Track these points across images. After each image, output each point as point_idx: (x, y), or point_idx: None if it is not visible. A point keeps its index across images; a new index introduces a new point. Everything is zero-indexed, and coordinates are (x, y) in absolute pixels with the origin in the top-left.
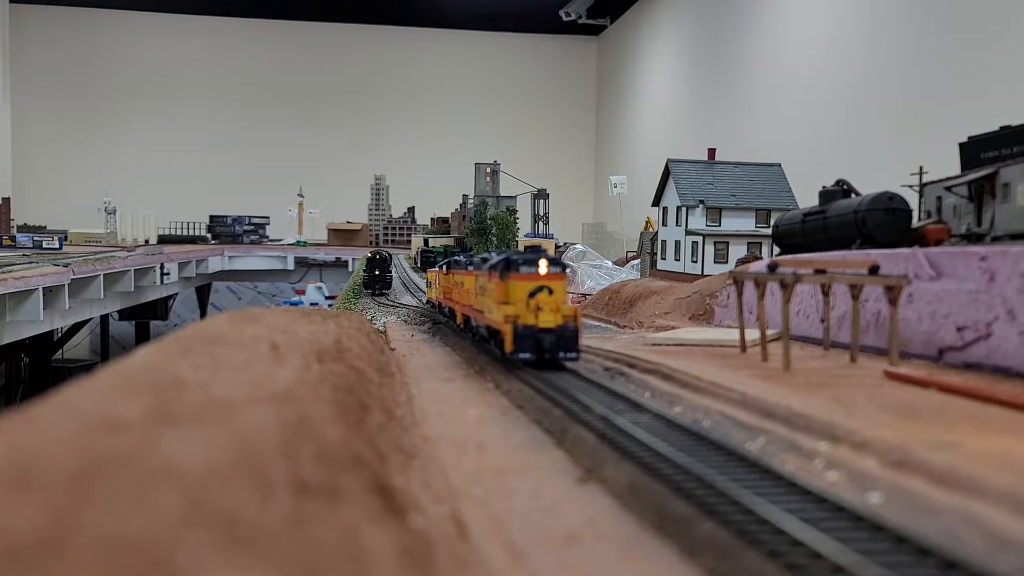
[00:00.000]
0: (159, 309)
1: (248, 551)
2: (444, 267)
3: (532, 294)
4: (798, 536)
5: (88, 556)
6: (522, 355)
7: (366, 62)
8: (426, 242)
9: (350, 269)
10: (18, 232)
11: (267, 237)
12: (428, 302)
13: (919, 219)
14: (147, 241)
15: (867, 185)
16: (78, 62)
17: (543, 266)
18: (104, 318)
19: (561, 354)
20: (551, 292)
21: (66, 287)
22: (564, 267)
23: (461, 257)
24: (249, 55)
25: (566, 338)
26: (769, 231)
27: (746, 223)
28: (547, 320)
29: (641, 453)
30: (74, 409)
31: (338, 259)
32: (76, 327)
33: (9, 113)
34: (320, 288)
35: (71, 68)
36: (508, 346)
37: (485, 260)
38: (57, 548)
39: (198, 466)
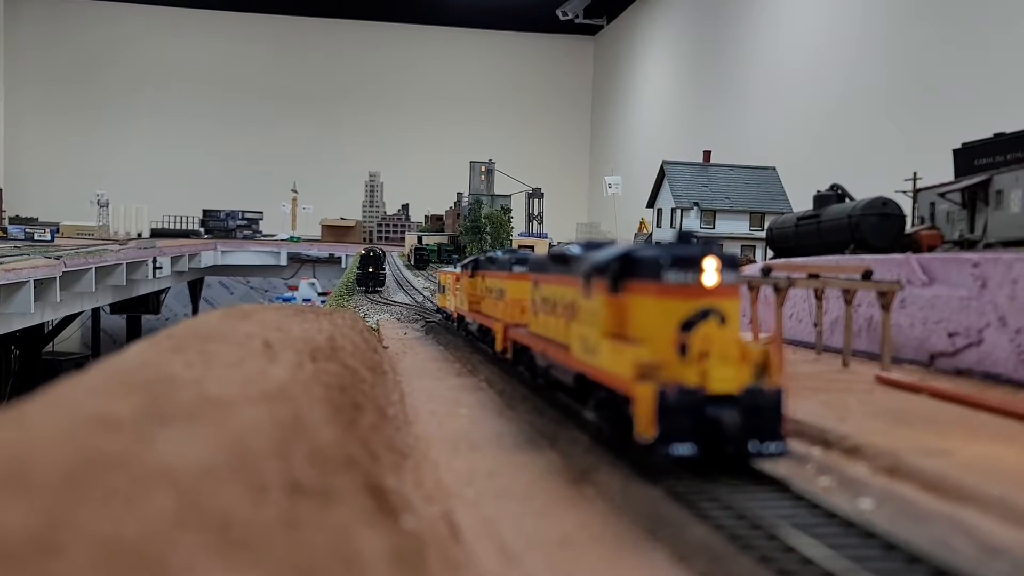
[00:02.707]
0: (151, 303)
1: (241, 553)
2: (469, 267)
3: (687, 324)
4: (789, 541)
5: (82, 557)
6: (677, 449)
7: (362, 58)
8: (420, 240)
9: (343, 266)
10: (10, 224)
11: (260, 232)
12: (440, 311)
13: (912, 225)
14: (140, 235)
15: (861, 190)
16: (73, 54)
17: (711, 271)
18: (95, 311)
19: (754, 446)
20: (724, 321)
21: (57, 280)
22: (740, 273)
23: (498, 253)
24: (245, 50)
25: (761, 412)
26: (763, 234)
27: (740, 226)
28: (724, 378)
29: (633, 455)
30: (66, 407)
31: (331, 255)
32: (67, 320)
33: (2, 104)
34: (313, 284)
35: (65, 60)
36: (646, 428)
37: (564, 258)
38: (51, 549)
39: (191, 466)
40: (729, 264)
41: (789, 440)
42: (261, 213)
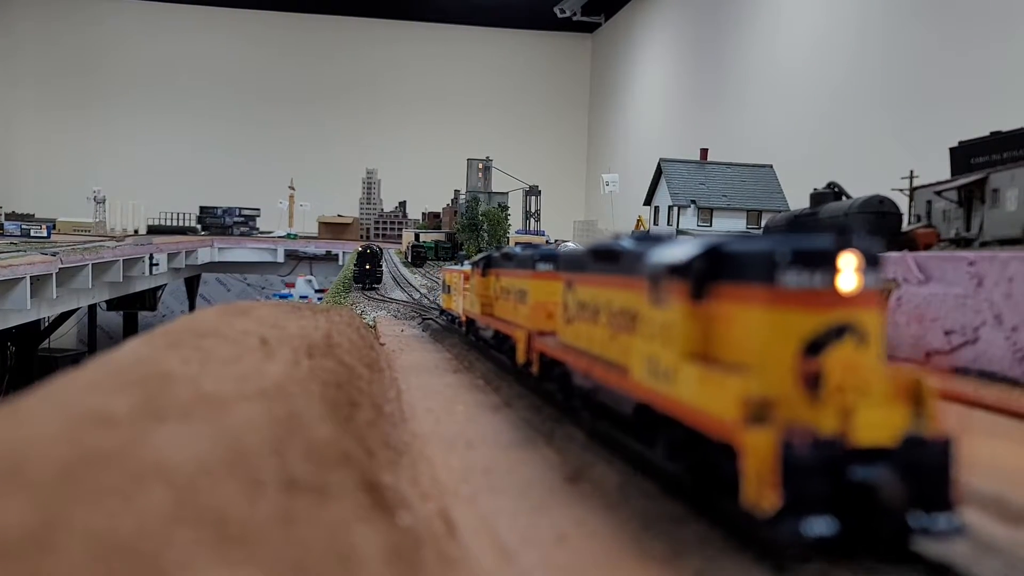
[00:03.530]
0: (147, 300)
1: (237, 550)
2: (480, 265)
3: (814, 346)
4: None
5: (78, 554)
6: (811, 526)
7: (359, 55)
8: (417, 237)
9: (340, 263)
10: (6, 220)
11: (257, 229)
12: (444, 313)
13: (909, 223)
14: (136, 231)
15: (858, 188)
16: (69, 50)
17: (849, 270)
18: (92, 308)
19: (916, 520)
20: (863, 341)
21: (53, 276)
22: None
23: (516, 248)
24: (243, 47)
25: (924, 472)
26: (760, 232)
27: (737, 224)
28: (874, 424)
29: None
30: (62, 403)
31: (328, 252)
32: (63, 316)
33: None
34: (310, 281)
35: (62, 55)
36: (763, 494)
37: (611, 254)
38: (46, 545)
39: (187, 462)
40: (872, 261)
41: None
42: (258, 210)
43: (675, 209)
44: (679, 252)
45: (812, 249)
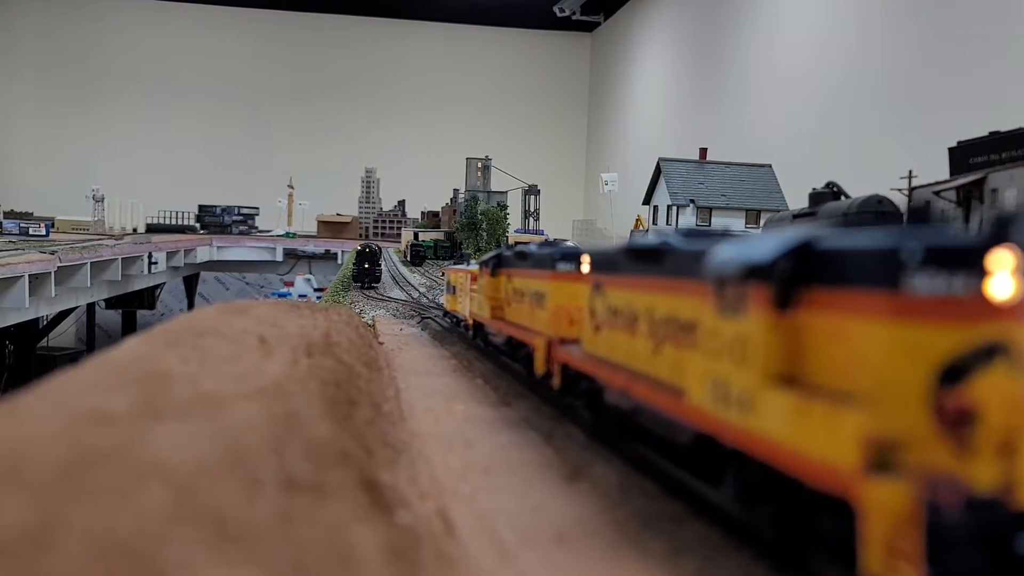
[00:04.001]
0: (146, 298)
1: (236, 548)
2: (490, 264)
3: (952, 374)
4: None
5: (76, 553)
6: None
7: (357, 54)
8: (416, 236)
9: (339, 262)
10: (4, 219)
11: (256, 228)
12: (448, 315)
13: (907, 223)
14: (135, 230)
15: (857, 188)
16: (69, 46)
17: (1004, 272)
18: (90, 307)
19: None
20: (1019, 365)
21: (52, 275)
22: None
23: (532, 247)
24: (241, 45)
25: None
26: (759, 232)
27: (736, 223)
28: None
29: (630, 455)
30: (61, 402)
31: (327, 251)
32: (62, 315)
33: None
34: (309, 280)
35: (62, 51)
36: (893, 568)
37: (653, 253)
38: (44, 544)
39: (186, 462)
40: None
41: None
42: (257, 209)
43: (674, 208)
44: (757, 249)
45: (952, 245)
